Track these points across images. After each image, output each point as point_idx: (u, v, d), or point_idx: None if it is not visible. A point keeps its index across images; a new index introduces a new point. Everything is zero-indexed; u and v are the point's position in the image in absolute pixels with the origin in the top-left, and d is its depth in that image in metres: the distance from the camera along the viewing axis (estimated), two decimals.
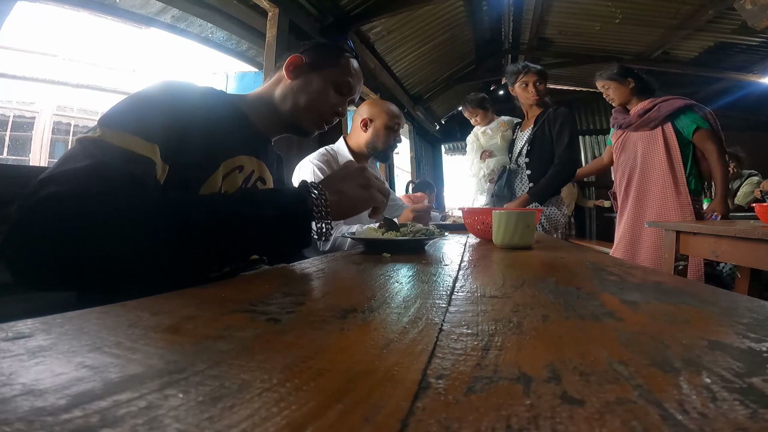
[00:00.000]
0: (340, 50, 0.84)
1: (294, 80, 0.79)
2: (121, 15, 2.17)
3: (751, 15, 2.50)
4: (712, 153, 1.70)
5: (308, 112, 0.79)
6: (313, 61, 0.80)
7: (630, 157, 1.92)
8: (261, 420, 0.14)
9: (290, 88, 0.78)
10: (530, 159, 1.92)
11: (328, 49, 0.83)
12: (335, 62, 0.82)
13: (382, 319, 0.28)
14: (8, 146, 9.01)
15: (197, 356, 0.21)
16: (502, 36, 4.48)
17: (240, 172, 0.70)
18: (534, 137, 1.91)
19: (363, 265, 0.57)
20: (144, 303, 0.32)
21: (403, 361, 0.20)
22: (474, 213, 0.98)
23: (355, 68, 0.85)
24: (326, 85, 0.80)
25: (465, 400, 0.16)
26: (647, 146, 1.85)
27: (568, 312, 0.30)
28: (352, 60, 0.85)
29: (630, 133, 1.92)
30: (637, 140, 1.89)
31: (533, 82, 1.89)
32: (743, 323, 0.27)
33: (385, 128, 1.43)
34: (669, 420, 0.14)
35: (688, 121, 1.76)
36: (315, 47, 0.83)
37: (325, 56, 0.81)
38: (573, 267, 0.55)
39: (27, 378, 0.18)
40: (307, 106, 0.79)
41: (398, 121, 1.46)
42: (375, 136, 1.43)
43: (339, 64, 0.82)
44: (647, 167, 1.85)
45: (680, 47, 3.86)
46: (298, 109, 0.78)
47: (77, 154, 0.49)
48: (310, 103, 0.79)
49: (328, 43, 0.86)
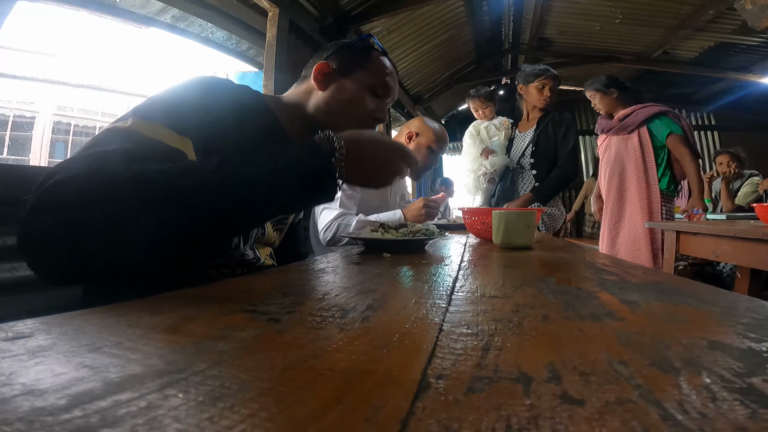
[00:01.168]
0: (368, 49, 0.77)
1: (325, 90, 0.73)
2: (121, 15, 2.17)
3: (751, 15, 2.50)
4: (685, 156, 1.86)
5: (347, 122, 0.72)
6: (341, 66, 0.74)
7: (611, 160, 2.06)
8: (261, 420, 0.14)
9: (323, 99, 0.73)
10: (536, 159, 1.94)
11: (355, 50, 0.77)
12: (366, 63, 0.75)
13: (382, 319, 0.28)
14: (8, 146, 9.01)
15: (197, 356, 0.21)
16: (502, 36, 4.48)
17: None
18: (538, 138, 1.94)
19: (363, 265, 0.57)
20: (144, 303, 0.32)
21: (403, 361, 0.20)
22: (474, 213, 0.98)
23: (388, 66, 0.78)
24: (361, 89, 0.74)
25: (465, 400, 0.16)
26: (625, 149, 2.00)
27: (568, 312, 0.30)
28: (383, 58, 0.78)
29: (611, 137, 2.08)
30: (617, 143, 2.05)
31: (550, 86, 1.94)
32: (743, 323, 0.27)
33: (427, 147, 1.44)
34: (669, 420, 0.14)
35: (662, 127, 1.92)
36: (340, 50, 0.76)
37: (353, 58, 0.75)
38: (573, 267, 0.55)
39: (27, 378, 0.18)
40: (346, 116, 0.73)
41: (442, 145, 1.47)
42: (415, 152, 1.42)
43: (370, 65, 0.75)
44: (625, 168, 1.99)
45: (680, 47, 3.86)
46: (336, 120, 0.72)
47: (100, 141, 0.47)
48: (348, 112, 0.73)
49: (353, 44, 0.78)
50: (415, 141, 1.45)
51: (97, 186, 0.39)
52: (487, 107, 2.24)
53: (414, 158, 0.60)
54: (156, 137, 0.50)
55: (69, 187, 0.39)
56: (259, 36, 2.31)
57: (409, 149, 0.60)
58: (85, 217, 0.38)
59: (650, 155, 1.93)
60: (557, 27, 3.97)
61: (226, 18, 2.24)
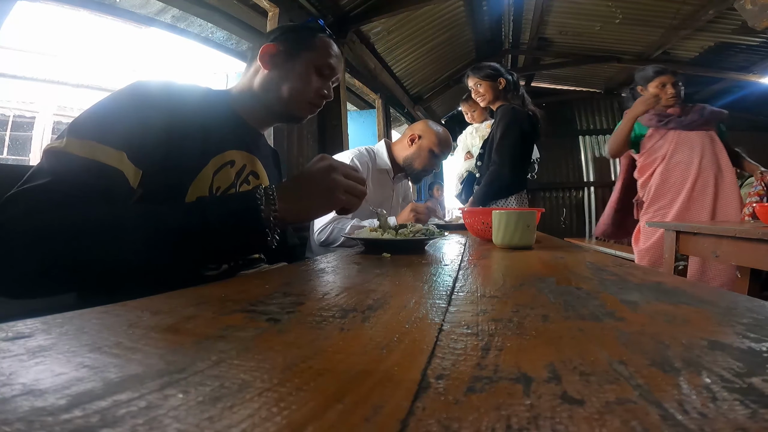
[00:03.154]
0: (313, 31, 0.80)
1: (272, 70, 0.76)
2: (121, 15, 2.17)
3: (751, 15, 2.50)
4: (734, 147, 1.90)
5: (293, 99, 0.76)
6: (287, 48, 0.77)
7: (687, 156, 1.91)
8: (261, 420, 0.14)
9: (269, 78, 0.76)
10: (481, 161, 1.89)
11: (300, 32, 0.80)
12: (311, 44, 0.78)
13: (382, 319, 0.28)
14: (8, 146, 9.01)
15: (197, 356, 0.21)
16: (502, 36, 4.48)
17: (231, 167, 0.69)
18: (486, 141, 1.88)
19: (363, 265, 0.57)
20: (144, 303, 0.32)
21: (403, 361, 0.20)
22: (474, 213, 0.98)
23: (332, 48, 0.81)
24: (306, 69, 0.77)
25: (465, 400, 0.16)
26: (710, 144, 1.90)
27: (568, 312, 0.30)
28: (327, 39, 0.81)
29: (684, 132, 1.92)
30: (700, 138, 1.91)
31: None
32: (743, 323, 0.27)
33: (429, 150, 1.42)
34: (669, 420, 0.14)
35: (723, 127, 1.94)
36: (286, 32, 0.79)
37: (298, 40, 0.78)
38: (573, 267, 0.55)
39: (27, 378, 0.18)
40: (291, 95, 0.76)
41: (444, 149, 1.46)
42: (416, 154, 1.43)
43: (315, 46, 0.78)
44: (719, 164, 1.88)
45: (680, 47, 3.86)
46: (283, 98, 0.76)
47: (42, 169, 0.49)
48: (292, 91, 0.76)
49: (298, 26, 0.82)
50: (417, 143, 1.44)
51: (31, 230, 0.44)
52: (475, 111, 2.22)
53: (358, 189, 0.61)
54: (90, 156, 0.51)
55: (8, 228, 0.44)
56: (259, 36, 2.30)
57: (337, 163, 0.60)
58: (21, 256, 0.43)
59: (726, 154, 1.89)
60: (557, 27, 3.97)
61: (226, 18, 2.24)
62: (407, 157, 1.44)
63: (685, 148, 1.92)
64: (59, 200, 0.46)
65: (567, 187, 5.91)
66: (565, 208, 5.88)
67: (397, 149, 1.48)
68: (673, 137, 1.95)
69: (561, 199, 5.92)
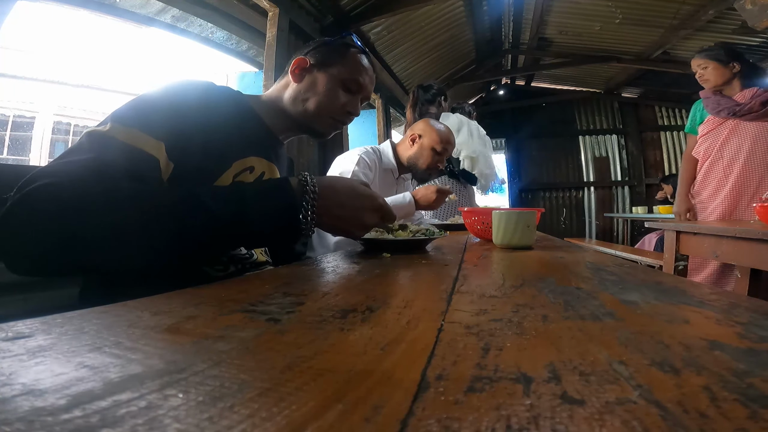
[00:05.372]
0: (345, 46, 0.80)
1: (300, 83, 0.77)
2: (121, 15, 2.17)
3: (751, 15, 2.50)
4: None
5: (319, 114, 0.77)
6: (318, 62, 0.77)
7: (734, 149, 1.75)
8: (261, 420, 0.14)
9: (298, 91, 0.77)
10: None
11: (332, 47, 0.80)
12: (341, 60, 0.79)
13: (382, 319, 0.28)
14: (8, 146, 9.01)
15: (197, 356, 0.21)
16: (502, 36, 4.48)
17: (251, 173, 0.69)
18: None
19: (363, 265, 0.57)
20: (144, 303, 0.32)
21: (403, 361, 0.20)
22: (474, 213, 0.98)
23: (363, 64, 0.81)
24: (334, 84, 0.77)
25: (465, 400, 0.16)
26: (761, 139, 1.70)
27: (568, 312, 0.30)
28: (359, 56, 0.81)
29: (740, 122, 1.74)
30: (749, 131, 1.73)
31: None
32: (743, 323, 0.27)
33: (431, 149, 1.42)
34: (669, 420, 0.14)
35: None
36: (319, 46, 0.80)
37: (330, 55, 0.78)
38: (573, 267, 0.55)
39: (27, 378, 0.18)
40: (317, 109, 0.76)
41: (446, 146, 1.45)
42: (419, 153, 1.43)
43: (345, 62, 0.79)
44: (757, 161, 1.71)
45: (680, 47, 3.86)
46: (308, 112, 0.76)
47: (81, 147, 0.49)
48: (319, 105, 0.76)
49: (331, 41, 0.82)
50: (418, 143, 1.44)
51: (72, 197, 0.42)
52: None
53: (391, 214, 0.62)
54: (133, 143, 0.52)
55: (46, 194, 0.41)
56: (259, 36, 2.31)
57: (386, 204, 0.61)
58: (58, 224, 0.41)
59: None
60: (557, 27, 3.97)
61: (226, 18, 2.25)
62: (410, 157, 1.45)
63: (733, 142, 1.74)
64: (99, 172, 0.46)
65: (567, 187, 5.91)
66: (565, 208, 5.89)
67: (401, 150, 1.49)
68: (725, 128, 1.76)
69: (561, 199, 5.92)
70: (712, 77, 1.78)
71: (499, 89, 5.99)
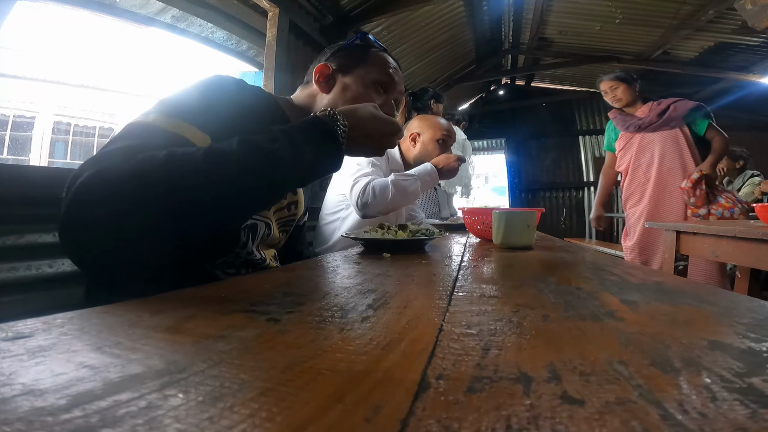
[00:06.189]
0: (365, 47, 0.77)
1: (330, 92, 0.73)
2: (121, 15, 2.17)
3: (751, 15, 2.50)
4: (718, 135, 1.87)
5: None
6: (341, 66, 0.74)
7: (648, 157, 1.97)
8: (261, 420, 0.14)
9: (329, 101, 0.73)
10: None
11: (352, 49, 0.77)
12: (365, 60, 0.75)
13: (382, 319, 0.28)
14: (8, 146, 9.02)
15: (197, 356, 0.21)
16: (502, 36, 4.48)
17: None
18: None
19: (363, 265, 0.57)
20: (144, 303, 0.32)
21: (403, 361, 0.20)
22: (474, 213, 0.98)
23: (388, 60, 0.77)
24: (365, 86, 0.74)
25: (465, 400, 0.16)
26: (667, 145, 1.92)
27: (568, 312, 0.30)
28: (382, 53, 0.78)
29: (646, 134, 1.98)
30: (655, 140, 1.96)
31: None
32: (743, 323, 0.27)
33: (434, 142, 1.41)
34: (669, 420, 0.14)
35: (700, 119, 1.91)
36: (337, 51, 0.77)
37: (352, 58, 0.75)
38: (573, 267, 0.55)
39: (27, 378, 0.18)
40: None
41: (447, 134, 1.43)
42: (423, 151, 1.41)
43: (371, 62, 0.75)
44: (667, 165, 1.92)
45: (680, 47, 3.86)
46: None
47: (124, 135, 0.48)
48: None
49: (348, 44, 0.78)
50: (419, 141, 1.42)
51: (127, 175, 0.40)
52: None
53: (402, 130, 0.65)
54: (178, 132, 0.51)
55: (100, 181, 0.40)
56: (259, 36, 2.31)
57: (398, 123, 0.63)
58: (118, 208, 0.39)
59: (694, 151, 1.88)
60: (557, 27, 3.97)
61: (226, 18, 2.24)
62: (416, 157, 1.43)
63: (646, 152, 1.99)
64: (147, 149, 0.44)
65: (567, 187, 5.90)
66: (565, 208, 5.88)
67: (406, 152, 1.48)
68: (635, 141, 2.03)
69: (561, 199, 5.92)
70: (624, 96, 2.03)
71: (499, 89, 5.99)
